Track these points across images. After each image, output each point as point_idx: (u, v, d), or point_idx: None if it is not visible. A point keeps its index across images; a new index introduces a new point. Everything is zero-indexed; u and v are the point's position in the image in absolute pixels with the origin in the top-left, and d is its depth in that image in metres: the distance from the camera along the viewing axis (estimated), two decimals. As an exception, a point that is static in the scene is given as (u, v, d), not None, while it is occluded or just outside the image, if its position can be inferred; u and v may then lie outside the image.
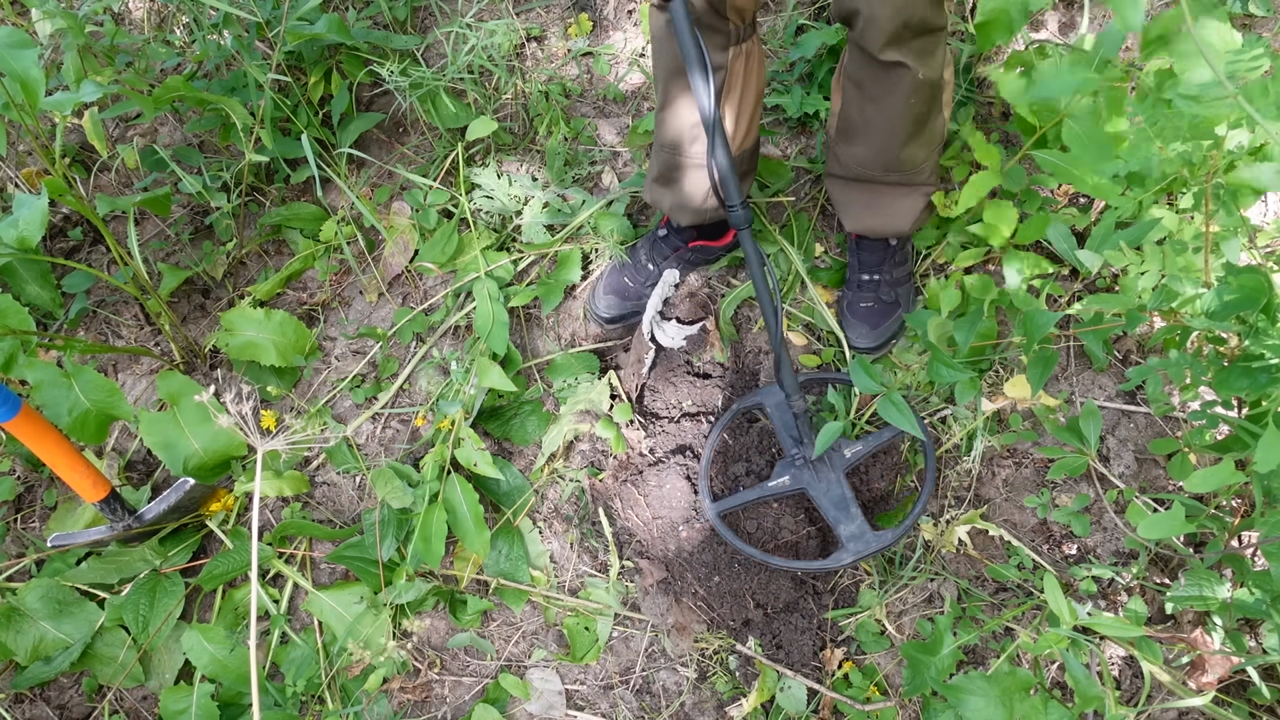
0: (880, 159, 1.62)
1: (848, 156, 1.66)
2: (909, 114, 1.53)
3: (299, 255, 2.07)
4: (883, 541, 1.55)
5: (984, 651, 1.65)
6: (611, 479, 1.81)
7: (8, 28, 1.46)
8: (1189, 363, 1.31)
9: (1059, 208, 1.87)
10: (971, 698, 1.27)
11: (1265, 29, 2.03)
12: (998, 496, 1.75)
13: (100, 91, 1.62)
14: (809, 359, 1.85)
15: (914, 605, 1.68)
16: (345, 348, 2.02)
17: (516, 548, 1.74)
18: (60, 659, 1.70)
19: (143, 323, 2.09)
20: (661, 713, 1.65)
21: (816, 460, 1.64)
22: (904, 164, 1.62)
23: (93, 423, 1.65)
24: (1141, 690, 1.44)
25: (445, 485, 1.71)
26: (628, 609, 1.71)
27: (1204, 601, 1.40)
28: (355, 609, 1.69)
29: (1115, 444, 1.76)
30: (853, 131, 1.62)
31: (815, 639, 1.66)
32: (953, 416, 1.76)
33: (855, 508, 1.59)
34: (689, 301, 1.92)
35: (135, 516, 1.70)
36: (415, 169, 2.12)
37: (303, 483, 1.84)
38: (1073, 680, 1.25)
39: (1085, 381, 1.81)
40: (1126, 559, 1.68)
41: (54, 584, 1.73)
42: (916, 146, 1.60)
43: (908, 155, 1.61)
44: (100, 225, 1.73)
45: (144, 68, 2.17)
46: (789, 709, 1.60)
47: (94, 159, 2.24)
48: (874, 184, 1.68)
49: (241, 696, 1.67)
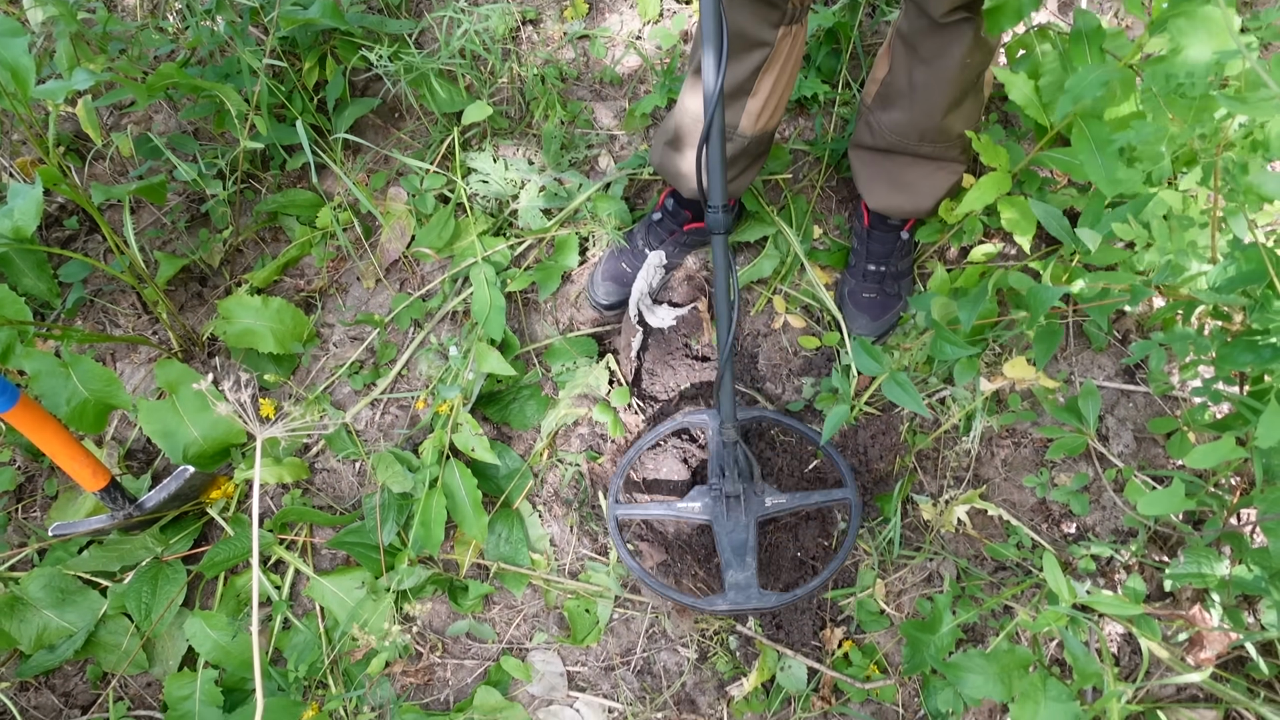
0: (918, 126, 1.59)
1: (885, 123, 1.63)
2: (960, 75, 1.49)
3: (296, 242, 2.07)
4: (765, 602, 1.53)
5: (983, 630, 1.66)
6: (610, 462, 1.81)
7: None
8: (1193, 338, 1.30)
9: (1058, 188, 1.86)
10: (970, 675, 1.28)
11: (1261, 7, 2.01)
12: (997, 476, 1.75)
13: (93, 79, 1.60)
14: (808, 340, 1.85)
15: (913, 585, 1.69)
16: (343, 334, 2.02)
17: (516, 531, 1.74)
18: (64, 647, 1.70)
19: (140, 311, 2.08)
20: (662, 693, 1.66)
21: (732, 497, 1.60)
22: (941, 134, 1.59)
23: (91, 412, 1.64)
24: (1140, 667, 1.45)
25: (444, 470, 1.71)
26: (628, 591, 1.72)
27: (1203, 579, 1.40)
28: (356, 594, 1.69)
29: (1114, 423, 1.76)
30: (896, 96, 1.58)
31: (815, 619, 1.67)
32: (951, 397, 1.76)
33: (752, 558, 1.56)
34: (686, 285, 1.91)
35: (136, 505, 1.71)
36: (411, 154, 2.11)
37: (302, 469, 1.85)
38: (1072, 657, 1.25)
39: (1084, 361, 1.81)
40: (1125, 537, 1.68)
41: (56, 573, 1.73)
42: (956, 117, 1.58)
43: (947, 124, 1.58)
44: (96, 214, 1.72)
45: (137, 55, 2.16)
46: (789, 688, 1.61)
47: (89, 147, 2.23)
48: (904, 155, 1.65)
49: (244, 682, 1.68)
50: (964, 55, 1.45)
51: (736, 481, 1.59)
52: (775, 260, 1.90)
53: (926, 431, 1.76)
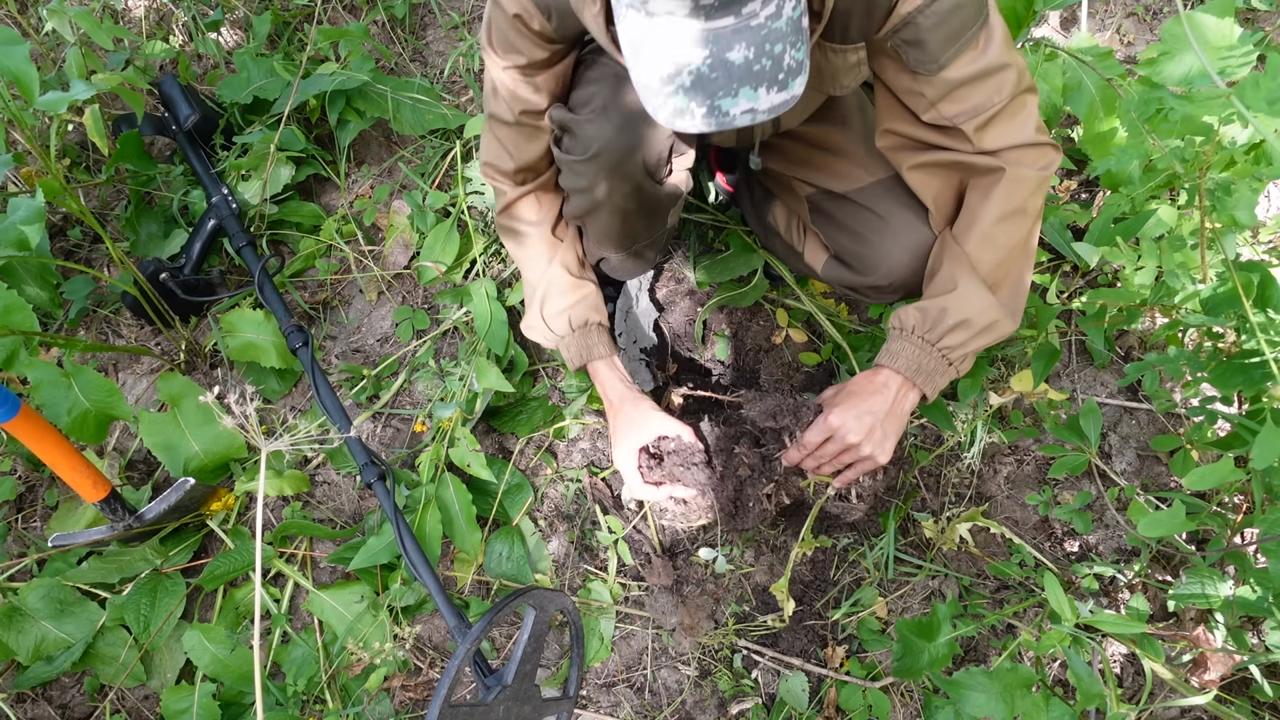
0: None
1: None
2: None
3: (299, 254, 2.07)
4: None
5: (985, 649, 1.65)
6: (614, 477, 1.81)
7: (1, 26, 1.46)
8: (1186, 359, 1.30)
9: (1061, 203, 1.87)
10: (972, 693, 1.27)
11: (1268, 23, 2.02)
12: (999, 494, 1.74)
13: (92, 90, 1.61)
14: (809, 357, 1.85)
15: (915, 603, 1.68)
16: (345, 346, 2.02)
17: (518, 548, 1.73)
18: (62, 658, 1.70)
19: (143, 322, 2.08)
20: (663, 710, 1.65)
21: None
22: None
23: (92, 423, 1.64)
24: (1143, 688, 1.44)
25: (439, 486, 1.71)
26: (629, 606, 1.71)
27: (1206, 599, 1.40)
28: (356, 608, 1.69)
29: (1117, 441, 1.76)
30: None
31: (816, 637, 1.66)
32: (953, 413, 1.75)
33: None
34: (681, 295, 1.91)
35: (136, 516, 1.70)
36: (414, 168, 2.11)
37: (303, 482, 1.84)
38: (1075, 678, 1.24)
39: (1087, 378, 1.81)
40: (1128, 556, 1.68)
41: (55, 584, 1.72)
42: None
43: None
44: (98, 227, 1.73)
45: (143, 65, 2.17)
46: (791, 704, 1.60)
47: (97, 158, 2.24)
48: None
49: (243, 696, 1.67)
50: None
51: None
52: (764, 288, 1.88)
53: (928, 448, 1.76)
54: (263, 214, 2.04)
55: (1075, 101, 1.54)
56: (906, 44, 1.15)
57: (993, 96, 1.18)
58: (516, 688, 1.37)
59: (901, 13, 1.12)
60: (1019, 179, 1.23)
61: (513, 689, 1.36)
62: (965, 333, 1.28)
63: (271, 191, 2.00)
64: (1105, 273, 1.84)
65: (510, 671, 1.36)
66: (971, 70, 1.16)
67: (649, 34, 0.94)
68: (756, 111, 0.97)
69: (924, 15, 1.11)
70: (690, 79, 0.94)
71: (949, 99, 1.19)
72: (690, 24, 0.91)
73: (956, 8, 1.11)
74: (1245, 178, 1.28)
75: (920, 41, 1.14)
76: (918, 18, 1.12)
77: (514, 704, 1.37)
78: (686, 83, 0.95)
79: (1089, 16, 2.12)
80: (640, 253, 1.62)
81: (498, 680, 1.36)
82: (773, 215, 1.68)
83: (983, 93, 1.18)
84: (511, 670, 1.36)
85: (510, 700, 1.36)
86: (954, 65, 1.15)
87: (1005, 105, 1.19)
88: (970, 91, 1.18)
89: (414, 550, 1.54)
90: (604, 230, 1.50)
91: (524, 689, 1.39)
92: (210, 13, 2.27)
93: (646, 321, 1.83)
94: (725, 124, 0.97)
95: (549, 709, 1.47)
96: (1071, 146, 1.89)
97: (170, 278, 1.91)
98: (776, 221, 1.67)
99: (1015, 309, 1.29)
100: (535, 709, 1.43)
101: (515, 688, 1.37)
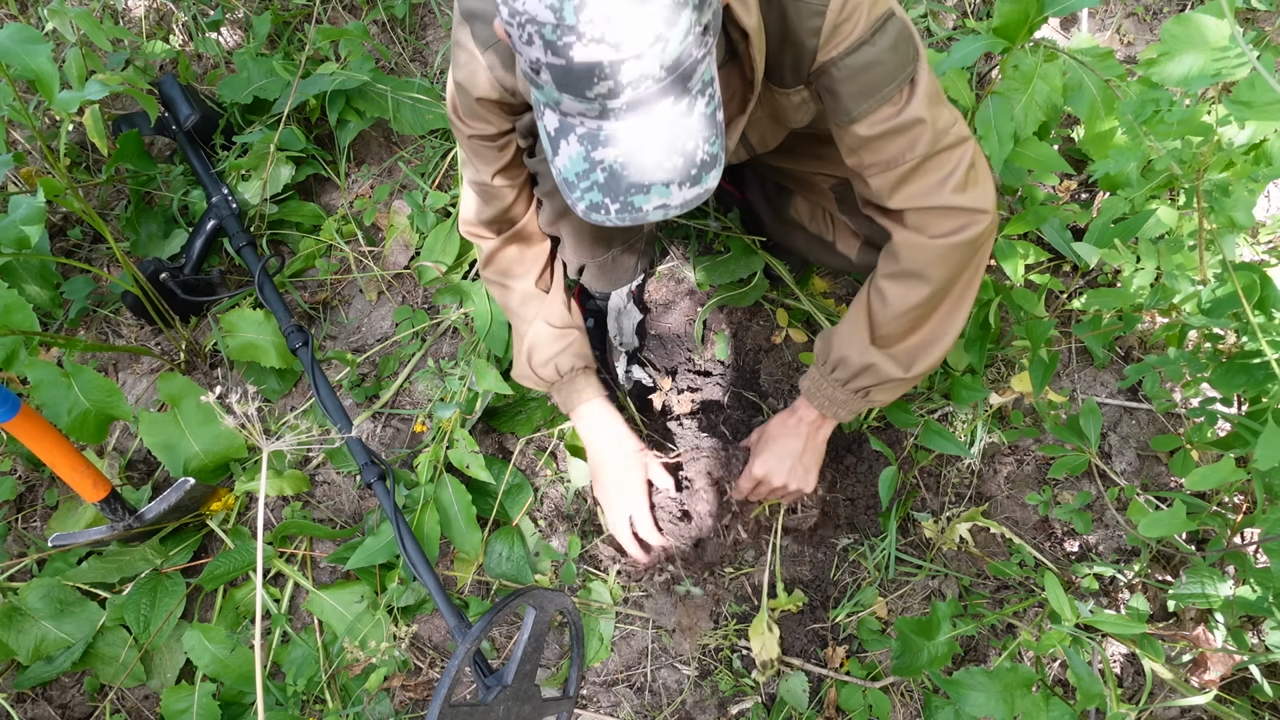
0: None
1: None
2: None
3: (299, 254, 2.07)
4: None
5: (985, 649, 1.65)
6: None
7: (18, 24, 1.46)
8: (1187, 360, 1.30)
9: (1061, 203, 1.87)
10: (972, 693, 1.27)
11: (1268, 23, 2.02)
12: (999, 494, 1.74)
13: (105, 90, 1.61)
14: (809, 357, 1.85)
15: (915, 603, 1.68)
16: (345, 346, 2.02)
17: (517, 549, 1.73)
18: (62, 658, 1.70)
19: (143, 322, 2.08)
20: (663, 710, 1.65)
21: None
22: None
23: (92, 423, 1.64)
24: (1143, 688, 1.44)
25: (437, 486, 1.71)
26: (629, 606, 1.71)
27: (1206, 599, 1.40)
28: (356, 608, 1.68)
29: (1117, 441, 1.76)
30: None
31: (816, 637, 1.66)
32: (953, 413, 1.75)
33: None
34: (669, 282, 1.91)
35: (136, 516, 1.70)
36: (414, 168, 2.11)
37: (303, 482, 1.84)
38: (1075, 678, 1.24)
39: (1087, 378, 1.81)
40: (1128, 556, 1.68)
41: (55, 583, 1.73)
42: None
43: None
44: (100, 225, 1.73)
45: (143, 65, 2.17)
46: (791, 703, 1.60)
47: (96, 158, 2.24)
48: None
49: (242, 696, 1.67)
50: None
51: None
52: (764, 288, 1.87)
53: (928, 449, 1.76)
54: (263, 214, 2.04)
55: (1075, 102, 1.53)
56: (825, 90, 1.17)
57: (905, 153, 1.17)
58: (516, 688, 1.37)
59: (819, 61, 1.13)
60: (909, 244, 1.23)
61: (513, 689, 1.36)
62: (846, 370, 1.34)
63: (271, 191, 2.01)
64: (1105, 272, 1.84)
65: (510, 671, 1.36)
66: (883, 128, 1.15)
67: (564, 133, 0.96)
68: (669, 207, 0.98)
69: (837, 67, 1.12)
70: (604, 176, 0.96)
71: (864, 149, 1.19)
72: (603, 124, 0.93)
73: (871, 64, 1.11)
74: (1243, 178, 1.28)
75: (835, 91, 1.15)
76: (832, 69, 1.13)
77: (514, 704, 1.37)
78: (600, 179, 0.96)
79: (1089, 17, 2.12)
80: (618, 259, 1.63)
81: (498, 680, 1.36)
82: (794, 209, 1.68)
83: (895, 147, 1.17)
84: (511, 670, 1.36)
85: (510, 700, 1.36)
86: (865, 120, 1.15)
87: (919, 163, 1.18)
88: (883, 144, 1.17)
89: (413, 550, 1.54)
90: (577, 235, 1.52)
91: (524, 689, 1.39)
92: (210, 13, 2.27)
93: (630, 323, 1.84)
94: (639, 219, 0.98)
95: (549, 709, 1.47)
96: (1072, 147, 1.89)
97: (170, 277, 1.91)
98: (799, 215, 1.67)
99: (908, 362, 1.31)
100: (535, 709, 1.43)
101: (515, 688, 1.37)
